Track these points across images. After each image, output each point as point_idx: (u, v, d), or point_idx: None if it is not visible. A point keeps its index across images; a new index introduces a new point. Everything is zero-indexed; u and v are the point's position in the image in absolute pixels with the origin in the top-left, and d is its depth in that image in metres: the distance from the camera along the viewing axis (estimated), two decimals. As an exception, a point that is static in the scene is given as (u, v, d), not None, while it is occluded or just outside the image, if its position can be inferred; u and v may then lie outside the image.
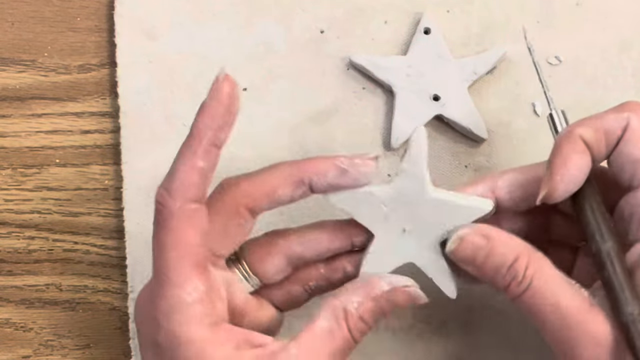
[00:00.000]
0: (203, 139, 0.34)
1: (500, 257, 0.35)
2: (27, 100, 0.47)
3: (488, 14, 0.46)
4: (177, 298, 0.33)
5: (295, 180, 0.36)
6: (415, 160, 0.36)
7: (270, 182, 0.36)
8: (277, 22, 0.46)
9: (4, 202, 0.46)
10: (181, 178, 0.34)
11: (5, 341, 0.46)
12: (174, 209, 0.34)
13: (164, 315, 0.34)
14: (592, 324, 0.33)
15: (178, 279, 0.34)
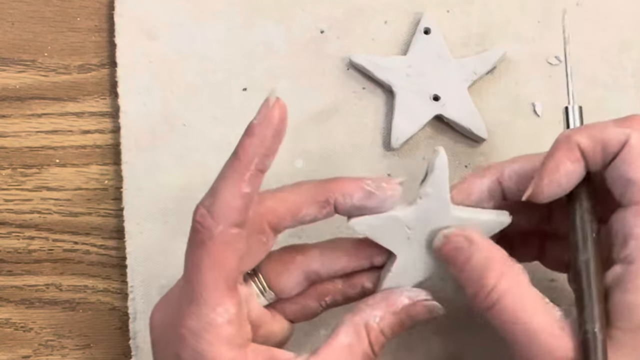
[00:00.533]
0: (251, 164, 0.34)
1: (476, 263, 0.35)
2: (27, 100, 0.47)
3: (488, 14, 0.46)
4: (209, 318, 0.33)
5: (321, 200, 0.36)
6: (439, 183, 0.36)
7: (295, 201, 0.36)
8: (277, 22, 0.46)
9: (4, 202, 0.46)
10: (225, 201, 0.33)
11: (5, 341, 0.46)
12: (215, 232, 0.33)
13: (193, 333, 0.34)
14: (558, 350, 0.33)
15: (211, 300, 0.34)
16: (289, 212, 0.36)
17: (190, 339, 0.34)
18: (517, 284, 0.34)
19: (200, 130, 0.46)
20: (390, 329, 0.36)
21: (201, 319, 0.34)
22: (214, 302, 0.34)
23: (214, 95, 0.46)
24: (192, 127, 0.46)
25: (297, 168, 0.45)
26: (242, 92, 0.46)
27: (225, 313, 0.34)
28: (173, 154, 0.46)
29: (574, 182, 0.35)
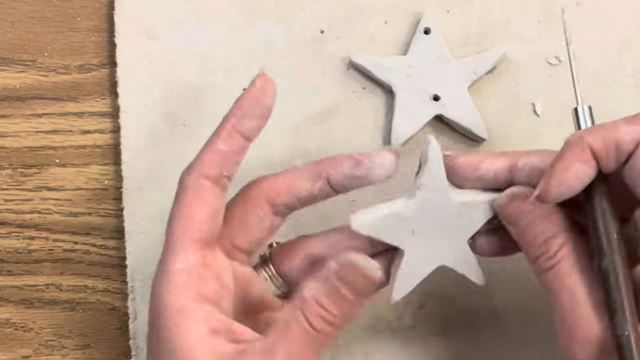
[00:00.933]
0: (227, 125, 0.36)
1: (541, 228, 0.35)
2: (27, 100, 0.47)
3: (488, 14, 0.46)
4: (168, 266, 0.34)
5: (313, 174, 0.37)
6: (435, 172, 0.36)
7: (288, 176, 0.37)
8: (277, 22, 0.46)
9: (4, 202, 0.46)
10: (200, 157, 0.36)
11: (5, 341, 0.46)
12: (186, 183, 0.35)
13: (156, 282, 0.35)
14: (594, 325, 0.33)
15: (174, 248, 0.35)
16: (284, 185, 0.37)
17: (154, 288, 0.35)
18: (576, 254, 0.35)
19: (200, 130, 0.46)
20: (327, 300, 0.34)
21: (162, 266, 0.35)
22: (177, 249, 0.35)
23: (214, 95, 0.46)
24: (192, 127, 0.46)
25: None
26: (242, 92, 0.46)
27: (184, 261, 0.34)
28: (173, 154, 0.46)
29: (584, 183, 0.34)
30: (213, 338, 0.34)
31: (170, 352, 0.33)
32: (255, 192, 0.37)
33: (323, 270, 0.34)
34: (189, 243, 0.35)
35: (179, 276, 0.34)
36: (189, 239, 0.35)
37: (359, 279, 0.34)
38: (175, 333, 0.33)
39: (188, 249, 0.35)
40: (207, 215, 0.35)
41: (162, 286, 0.34)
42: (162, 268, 0.35)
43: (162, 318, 0.34)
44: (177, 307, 0.34)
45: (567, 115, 0.45)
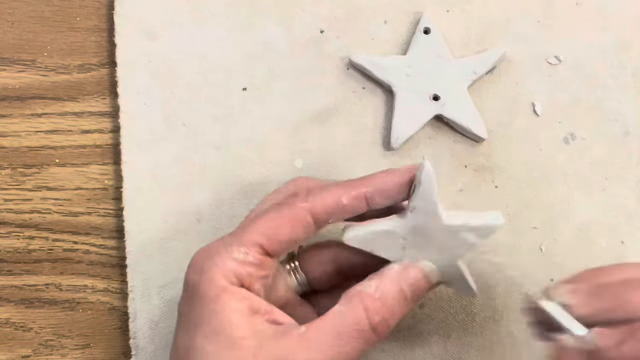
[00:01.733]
0: (362, 188, 0.37)
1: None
2: (27, 100, 0.47)
3: (488, 14, 0.46)
4: (229, 249, 0.36)
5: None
6: (427, 196, 0.36)
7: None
8: (277, 22, 0.46)
9: (4, 202, 0.46)
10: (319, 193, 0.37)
11: (5, 341, 0.46)
12: (298, 205, 0.36)
13: (209, 255, 0.36)
14: None
15: (242, 241, 0.36)
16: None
17: (204, 258, 0.36)
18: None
19: (200, 130, 0.46)
20: (392, 298, 0.35)
21: (223, 246, 0.36)
22: (244, 242, 0.36)
23: (214, 95, 0.46)
24: (192, 127, 0.46)
25: (297, 168, 0.46)
26: (242, 92, 0.46)
27: (244, 255, 0.36)
28: (173, 154, 0.46)
29: None
30: (253, 317, 0.35)
31: (210, 324, 0.34)
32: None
33: (387, 271, 0.36)
34: (257, 246, 0.36)
35: (233, 264, 0.35)
36: (260, 244, 0.36)
37: (421, 281, 0.36)
38: (219, 307, 0.34)
39: (253, 250, 0.36)
40: (289, 242, 0.36)
41: (213, 263, 0.35)
42: (219, 249, 0.36)
43: (207, 290, 0.35)
44: (222, 286, 0.35)
45: (567, 115, 0.46)
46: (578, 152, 0.45)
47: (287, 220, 0.36)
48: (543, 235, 0.45)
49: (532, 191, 0.45)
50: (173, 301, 0.45)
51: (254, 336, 0.34)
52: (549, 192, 0.45)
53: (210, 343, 0.34)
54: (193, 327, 0.35)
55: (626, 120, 0.45)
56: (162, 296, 0.45)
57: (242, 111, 0.46)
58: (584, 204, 0.45)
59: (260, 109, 0.46)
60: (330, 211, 0.36)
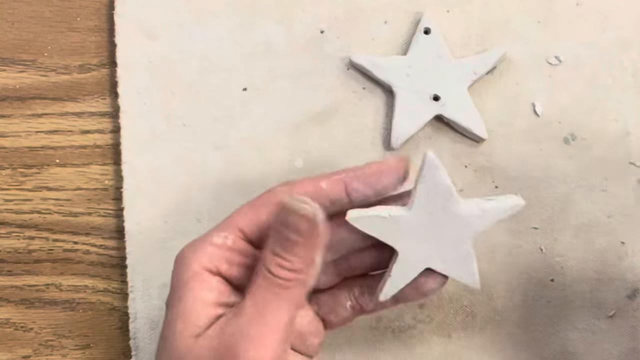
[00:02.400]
0: (341, 173, 0.37)
1: None
2: (27, 100, 0.47)
3: (488, 14, 0.46)
4: (208, 236, 0.36)
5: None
6: (431, 185, 0.36)
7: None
8: (277, 22, 0.46)
9: (4, 202, 0.46)
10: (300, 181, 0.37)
11: (5, 341, 0.46)
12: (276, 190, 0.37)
13: (191, 244, 0.36)
14: None
15: (222, 226, 0.36)
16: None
17: (185, 247, 0.36)
18: None
19: (200, 130, 0.46)
20: (279, 246, 0.34)
21: (205, 235, 0.36)
22: (223, 228, 0.36)
23: (214, 95, 0.46)
24: (192, 127, 0.46)
25: (297, 168, 0.46)
26: (242, 92, 0.46)
27: (222, 239, 0.36)
28: (173, 154, 0.46)
29: None
30: (215, 308, 0.35)
31: (174, 310, 0.35)
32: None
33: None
34: (236, 230, 0.36)
35: (210, 248, 0.36)
36: (239, 227, 0.36)
37: (299, 220, 0.34)
38: (185, 293, 0.35)
39: (231, 233, 0.36)
40: (265, 219, 0.36)
41: (190, 250, 0.36)
42: (201, 238, 0.36)
43: (179, 276, 0.36)
44: (195, 271, 0.35)
45: (567, 115, 0.46)
46: (578, 152, 0.45)
47: (265, 203, 0.37)
48: (543, 235, 0.45)
49: (532, 191, 0.45)
50: (173, 301, 0.45)
51: (213, 328, 0.34)
52: (549, 192, 0.45)
53: (170, 328, 0.35)
54: (167, 313, 0.36)
55: (626, 120, 0.45)
56: (162, 296, 0.45)
57: (242, 111, 0.46)
58: (584, 204, 0.45)
59: (260, 109, 0.46)
60: (309, 193, 0.36)
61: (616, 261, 0.45)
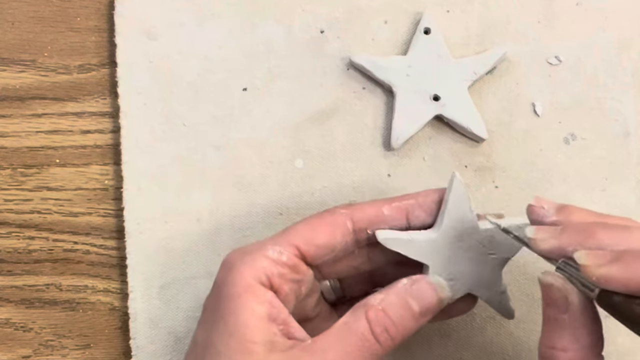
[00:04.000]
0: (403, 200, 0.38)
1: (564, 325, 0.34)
2: (27, 100, 0.47)
3: (488, 14, 0.46)
4: (260, 248, 0.36)
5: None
6: (458, 209, 0.37)
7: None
8: (277, 22, 0.46)
9: (4, 202, 0.46)
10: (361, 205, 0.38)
11: (5, 341, 0.46)
12: (332, 210, 0.37)
13: (238, 255, 0.36)
14: None
15: (277, 240, 0.36)
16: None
17: (235, 254, 0.36)
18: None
19: (200, 130, 0.46)
20: (395, 311, 0.35)
21: (257, 245, 0.36)
22: (279, 242, 0.36)
23: (214, 95, 0.46)
24: (192, 127, 0.46)
25: (297, 168, 0.46)
26: (242, 92, 0.46)
27: (277, 253, 0.36)
28: (173, 154, 0.46)
29: None
30: (269, 324, 0.34)
31: (227, 322, 0.34)
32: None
33: (395, 284, 0.36)
34: (292, 247, 0.36)
35: (264, 262, 0.35)
36: (295, 245, 0.36)
37: (430, 294, 0.36)
38: (238, 305, 0.34)
39: (287, 250, 0.36)
40: (326, 246, 0.36)
41: (242, 260, 0.35)
42: (253, 247, 0.36)
43: (230, 287, 0.35)
44: (247, 283, 0.35)
45: (567, 115, 0.46)
46: (578, 152, 0.45)
47: (326, 223, 0.36)
48: (543, 235, 0.45)
49: (532, 191, 0.45)
50: (173, 301, 0.45)
51: (264, 344, 0.34)
52: (549, 192, 0.45)
53: (223, 342, 0.34)
54: (211, 323, 0.35)
55: (626, 120, 0.45)
56: (162, 296, 0.45)
57: (242, 111, 0.46)
58: (584, 204, 0.45)
59: (260, 109, 0.46)
60: (371, 219, 0.37)
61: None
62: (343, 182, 0.45)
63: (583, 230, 0.33)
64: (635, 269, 0.30)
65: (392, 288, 0.36)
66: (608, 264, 0.30)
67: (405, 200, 0.37)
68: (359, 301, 0.36)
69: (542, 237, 0.34)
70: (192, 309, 0.45)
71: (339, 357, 0.34)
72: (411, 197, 0.37)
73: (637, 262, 0.30)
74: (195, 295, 0.45)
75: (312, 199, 0.45)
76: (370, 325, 0.34)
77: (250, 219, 0.45)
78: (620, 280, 0.30)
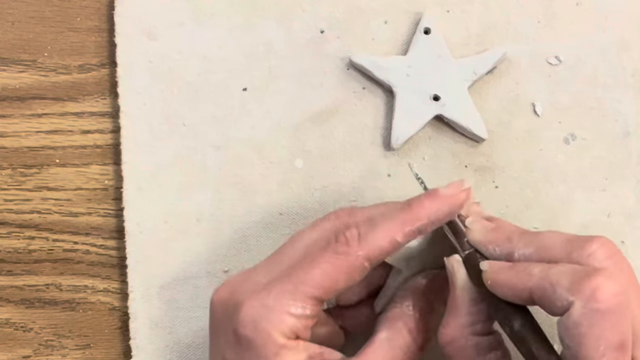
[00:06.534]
0: (417, 221, 0.36)
1: None
2: (27, 100, 0.47)
3: (488, 14, 0.46)
4: (283, 303, 0.35)
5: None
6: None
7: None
8: (277, 22, 0.46)
9: (4, 202, 0.46)
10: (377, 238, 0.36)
11: (5, 341, 0.46)
12: (352, 255, 0.35)
13: (263, 310, 0.35)
14: None
15: (296, 293, 0.35)
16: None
17: (255, 311, 0.35)
18: None
19: (200, 130, 0.46)
20: (427, 314, 0.36)
21: (275, 299, 0.35)
22: (298, 297, 0.35)
23: (214, 95, 0.46)
24: (192, 127, 0.46)
25: (297, 168, 0.46)
26: (242, 92, 0.46)
27: (300, 309, 0.35)
28: (173, 154, 0.46)
29: None
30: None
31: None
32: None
33: (417, 285, 0.37)
34: (313, 299, 0.35)
35: (291, 320, 0.35)
36: (315, 297, 0.35)
37: (445, 288, 0.37)
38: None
39: (308, 303, 0.35)
40: (343, 286, 0.36)
41: (268, 321, 0.34)
42: (272, 301, 0.35)
43: (264, 348, 0.34)
44: (280, 343, 0.34)
45: (567, 115, 0.46)
46: (578, 152, 0.45)
47: (344, 271, 0.35)
48: (543, 235, 0.45)
49: (532, 191, 0.45)
50: (173, 301, 0.45)
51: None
52: (549, 192, 0.45)
53: None
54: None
55: (626, 120, 0.45)
56: (162, 296, 0.45)
57: (242, 111, 0.46)
58: (584, 204, 0.45)
59: (260, 109, 0.46)
60: (386, 252, 0.36)
61: (616, 261, 0.44)
62: (343, 182, 0.45)
63: (507, 237, 0.36)
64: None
65: (415, 291, 0.37)
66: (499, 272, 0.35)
67: (418, 222, 0.36)
68: (387, 311, 0.37)
69: (477, 229, 0.37)
70: (192, 309, 0.45)
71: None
72: (422, 215, 0.36)
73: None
74: (195, 295, 0.45)
75: (312, 199, 0.45)
76: (412, 335, 0.36)
77: (250, 219, 0.45)
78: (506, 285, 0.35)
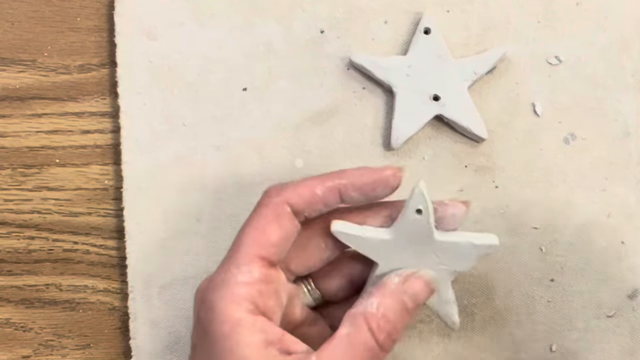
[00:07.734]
0: (336, 180, 0.37)
1: None
2: (27, 100, 0.47)
3: (488, 14, 0.46)
4: (229, 277, 0.35)
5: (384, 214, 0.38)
6: (416, 215, 0.36)
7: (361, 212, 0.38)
8: (277, 22, 0.46)
9: (4, 202, 0.46)
10: (293, 186, 0.37)
11: (5, 341, 0.46)
12: (273, 200, 0.36)
13: (212, 290, 0.35)
14: None
15: (239, 262, 0.35)
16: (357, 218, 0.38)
17: (209, 294, 0.35)
18: None
19: (200, 130, 0.46)
20: (393, 313, 0.35)
21: (223, 274, 0.35)
22: (242, 263, 0.35)
23: (214, 95, 0.46)
24: (192, 127, 0.46)
25: (297, 168, 0.46)
26: (242, 92, 0.46)
27: (247, 274, 0.35)
28: (173, 154, 0.46)
29: None
30: (267, 349, 0.34)
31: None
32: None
33: (383, 285, 0.36)
34: (255, 259, 0.35)
35: (241, 289, 0.35)
36: (257, 255, 0.35)
37: (423, 289, 0.37)
38: (232, 343, 0.34)
39: (253, 265, 0.35)
40: (280, 239, 0.36)
41: (220, 296, 0.34)
42: (221, 278, 0.35)
43: (219, 327, 0.34)
44: (236, 319, 0.34)
45: (567, 115, 0.46)
46: (578, 152, 0.45)
47: (269, 219, 0.36)
48: (543, 235, 0.45)
49: (532, 191, 0.45)
50: (173, 301, 0.45)
51: None
52: (549, 192, 0.45)
53: None
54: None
55: (626, 120, 0.45)
56: (162, 296, 0.45)
57: (242, 111, 0.46)
58: (584, 204, 0.45)
59: (260, 109, 0.46)
60: (306, 200, 0.36)
61: (616, 261, 0.45)
62: (343, 182, 0.45)
63: None
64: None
65: (384, 289, 0.36)
66: None
67: (338, 180, 0.37)
68: (352, 307, 0.36)
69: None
70: (192, 309, 0.45)
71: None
72: (344, 176, 0.37)
73: None
74: (195, 295, 0.45)
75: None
76: (374, 335, 0.35)
77: (250, 219, 0.45)
78: None
